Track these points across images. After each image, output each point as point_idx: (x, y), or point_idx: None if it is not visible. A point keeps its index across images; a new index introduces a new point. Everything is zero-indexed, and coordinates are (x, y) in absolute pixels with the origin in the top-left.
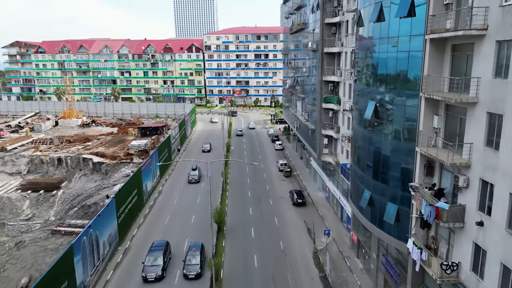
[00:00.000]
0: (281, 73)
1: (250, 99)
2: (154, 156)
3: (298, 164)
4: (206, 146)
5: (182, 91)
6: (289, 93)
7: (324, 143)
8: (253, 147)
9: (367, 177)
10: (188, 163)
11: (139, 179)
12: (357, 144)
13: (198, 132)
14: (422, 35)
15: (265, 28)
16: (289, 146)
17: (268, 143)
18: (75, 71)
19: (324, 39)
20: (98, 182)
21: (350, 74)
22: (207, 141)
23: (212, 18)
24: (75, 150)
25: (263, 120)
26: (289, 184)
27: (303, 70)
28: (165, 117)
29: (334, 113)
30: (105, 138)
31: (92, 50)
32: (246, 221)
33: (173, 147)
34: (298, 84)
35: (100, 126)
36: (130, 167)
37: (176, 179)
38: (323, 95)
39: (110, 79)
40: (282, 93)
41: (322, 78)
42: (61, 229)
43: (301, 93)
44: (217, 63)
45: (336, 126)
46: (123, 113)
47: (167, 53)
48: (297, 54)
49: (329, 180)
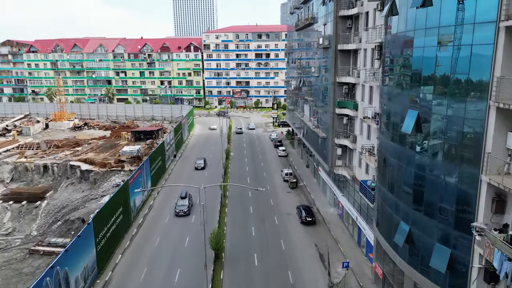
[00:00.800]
0: (283, 73)
1: (251, 101)
2: (145, 166)
3: (305, 174)
4: (199, 162)
5: (180, 92)
6: (294, 95)
7: (337, 154)
8: (254, 153)
9: (405, 206)
10: (187, 163)
11: (126, 195)
12: (388, 161)
13: (195, 136)
14: (493, 22)
15: (266, 27)
16: (294, 152)
17: (270, 148)
18: (68, 71)
19: (338, 34)
20: (86, 192)
21: (372, 75)
22: (201, 155)
23: (212, 18)
24: (62, 156)
25: (265, 123)
26: (296, 198)
27: (312, 70)
28: (161, 120)
29: (349, 119)
30: (97, 142)
31: (86, 50)
32: (248, 245)
33: (167, 154)
34: (305, 86)
35: (93, 129)
36: (121, 175)
37: (170, 191)
38: (336, 98)
39: (105, 79)
40: (286, 95)
41: (335, 79)
42: (40, 249)
43: (309, 95)
44: (217, 63)
45: (352, 135)
46: (118, 115)
47: (164, 52)
48: (303, 52)
49: (342, 196)
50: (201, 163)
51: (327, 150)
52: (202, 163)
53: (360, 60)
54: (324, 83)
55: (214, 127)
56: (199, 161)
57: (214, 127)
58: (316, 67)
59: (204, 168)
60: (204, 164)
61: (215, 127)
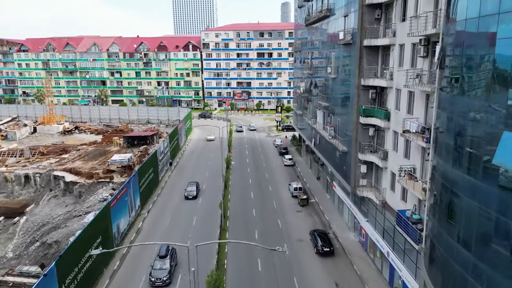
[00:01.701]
0: (286, 73)
1: (252, 102)
2: (133, 182)
3: (315, 187)
4: (191, 189)
5: (177, 93)
6: (302, 99)
7: (361, 172)
8: (257, 161)
9: (496, 274)
10: (181, 178)
11: (106, 222)
12: (456, 201)
13: (194, 142)
14: None
15: (269, 25)
16: (301, 161)
17: (275, 156)
18: (60, 71)
19: (364, 27)
20: (70, 207)
21: (416, 78)
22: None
23: (211, 17)
24: (46, 165)
25: (268, 127)
26: (308, 218)
27: (327, 71)
28: (157, 123)
29: (376, 130)
30: (86, 149)
31: (79, 48)
32: (254, 285)
33: (160, 164)
34: (318, 89)
35: (84, 134)
36: (109, 188)
37: (162, 210)
38: (361, 105)
39: (99, 80)
40: (293, 97)
41: (359, 82)
42: (10, 280)
43: (323, 100)
44: (216, 62)
45: (383, 150)
46: (111, 118)
47: (161, 51)
48: (316, 51)
49: (366, 221)
50: (192, 191)
51: (348, 166)
52: (194, 191)
53: (393, 58)
54: (344, 86)
55: (212, 138)
56: (190, 187)
57: (212, 138)
58: (333, 67)
59: (197, 197)
60: (196, 192)
61: (212, 137)
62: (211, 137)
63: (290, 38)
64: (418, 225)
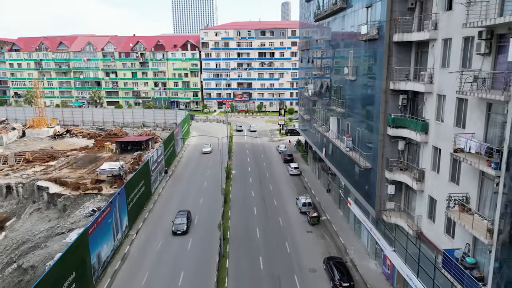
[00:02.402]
0: (289, 74)
1: (253, 104)
2: (120, 198)
3: (326, 202)
4: (180, 223)
5: (175, 94)
6: (311, 103)
7: (388, 193)
8: (260, 170)
9: None
10: (179, 188)
11: (83, 253)
12: None
13: (191, 147)
14: None
15: (271, 23)
16: (307, 170)
17: (279, 164)
18: (53, 71)
19: (395, 19)
20: (53, 222)
21: (474, 81)
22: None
23: (211, 16)
24: (31, 174)
25: (270, 130)
26: (320, 241)
27: (344, 71)
28: (154, 126)
29: (407, 144)
30: (76, 155)
31: (73, 48)
32: None
33: (153, 175)
34: (331, 92)
35: (76, 138)
36: (96, 201)
37: (154, 230)
38: (389, 113)
39: (94, 80)
40: (297, 98)
41: (387, 85)
42: None
43: (338, 105)
44: (216, 62)
45: (418, 169)
46: (104, 121)
47: (158, 51)
48: (329, 48)
49: (393, 251)
50: (181, 225)
51: (372, 186)
52: (184, 225)
53: (434, 56)
54: (366, 90)
55: (208, 150)
56: (179, 219)
57: (208, 150)
58: (351, 67)
59: (187, 232)
60: (187, 225)
61: (209, 149)
62: (207, 149)
63: (293, 37)
64: (474, 271)
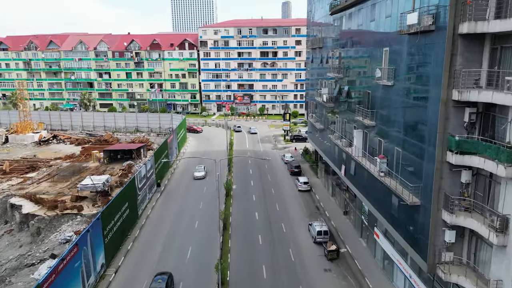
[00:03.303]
0: (293, 74)
1: (255, 107)
2: (94, 233)
3: (344, 227)
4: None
5: (172, 96)
6: (325, 110)
7: (446, 241)
8: (264, 185)
9: None
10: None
11: None
12: None
13: (188, 155)
14: None
15: (274, 21)
16: (318, 184)
17: (285, 177)
18: (43, 71)
19: (468, 1)
20: (25, 247)
21: None
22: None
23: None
24: (5, 188)
25: (273, 136)
26: (341, 284)
27: (376, 74)
28: (148, 131)
29: (475, 175)
30: (60, 164)
31: (64, 47)
32: None
33: (141, 194)
34: (354, 98)
35: (63, 144)
36: (75, 223)
37: (138, 267)
38: (451, 133)
39: (86, 81)
40: (305, 103)
41: (448, 95)
42: None
43: (365, 116)
44: (215, 62)
45: (497, 216)
46: (95, 125)
47: (154, 50)
48: (351, 45)
49: None
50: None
51: (422, 229)
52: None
53: None
54: (413, 99)
55: (200, 175)
56: (155, 285)
57: (200, 175)
58: (386, 69)
59: None
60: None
61: (201, 174)
62: (200, 173)
63: (297, 35)
64: None
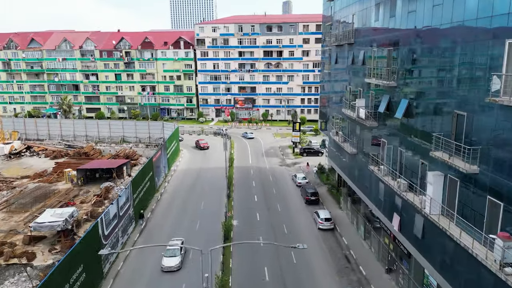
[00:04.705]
0: (300, 76)
1: (257, 112)
2: None
3: None
4: None
5: (166, 100)
6: (358, 128)
7: None
8: (274, 220)
9: None
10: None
11: None
12: None
13: (180, 174)
14: None
15: (278, 17)
16: (342, 218)
17: (299, 205)
18: (24, 73)
19: None
20: None
21: None
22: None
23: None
24: None
25: (280, 148)
26: None
27: (495, 87)
28: (136, 142)
29: None
30: (25, 186)
31: (46, 46)
32: None
33: (108, 243)
34: (422, 121)
35: (37, 157)
36: (22, 279)
37: None
38: None
39: (71, 83)
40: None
41: None
42: None
43: (459, 155)
44: (213, 63)
45: None
46: (76, 135)
47: (146, 49)
48: (416, 41)
49: None
50: None
51: None
52: None
53: None
54: None
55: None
56: None
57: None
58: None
59: None
60: None
61: (174, 263)
62: (173, 260)
63: (305, 33)
64: None
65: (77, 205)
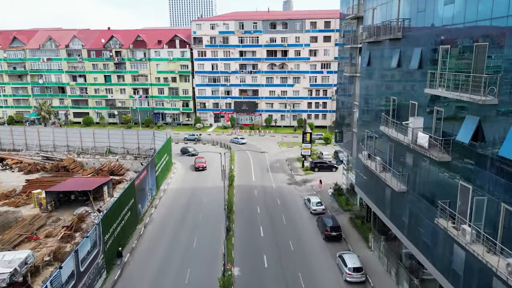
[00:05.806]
0: (307, 78)
1: (260, 117)
2: None
3: None
4: None
5: (160, 104)
6: (417, 160)
7: None
8: (286, 265)
9: None
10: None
11: None
12: None
13: (170, 195)
14: None
15: (283, 13)
16: (372, 262)
17: (315, 242)
18: (6, 74)
19: None
20: None
21: None
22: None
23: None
24: None
25: (287, 160)
26: None
27: None
28: (123, 153)
29: None
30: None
31: (30, 45)
32: None
33: None
34: None
35: (9, 171)
36: None
37: None
38: None
39: (57, 86)
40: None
41: None
42: None
43: None
44: (212, 63)
45: None
46: (56, 145)
47: (138, 48)
48: None
49: None
50: None
51: None
52: None
53: None
54: None
55: None
56: None
57: None
58: None
59: None
60: None
61: None
62: None
63: (312, 30)
64: None
65: (40, 240)
